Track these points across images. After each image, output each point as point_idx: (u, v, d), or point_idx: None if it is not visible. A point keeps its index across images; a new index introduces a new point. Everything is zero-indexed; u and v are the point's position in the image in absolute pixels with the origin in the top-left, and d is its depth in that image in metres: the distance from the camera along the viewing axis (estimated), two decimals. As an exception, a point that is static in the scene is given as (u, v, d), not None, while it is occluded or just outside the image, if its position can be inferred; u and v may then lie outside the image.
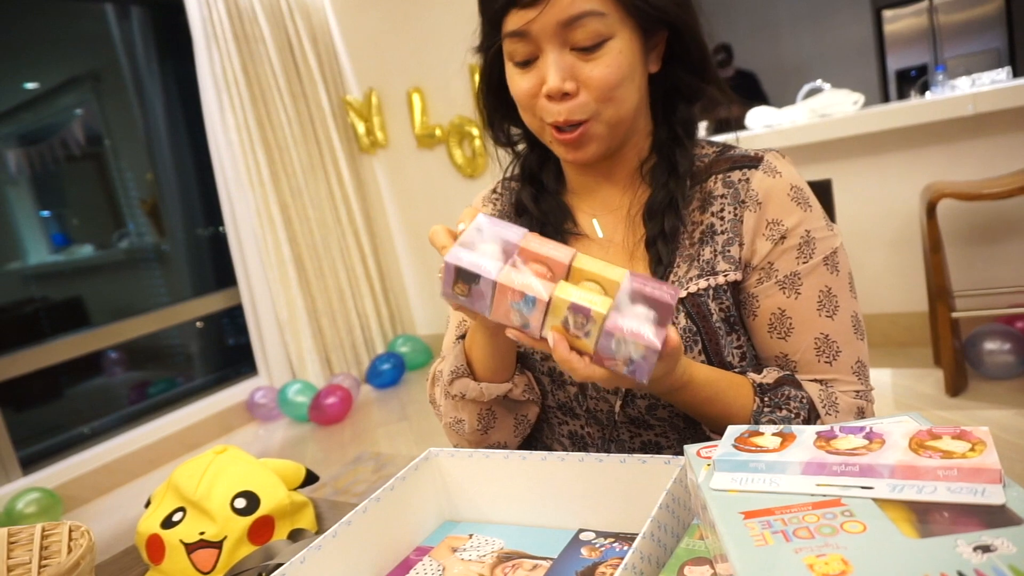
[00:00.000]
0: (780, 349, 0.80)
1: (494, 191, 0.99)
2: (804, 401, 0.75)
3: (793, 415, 0.74)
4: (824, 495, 0.46)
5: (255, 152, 3.56)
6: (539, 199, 0.90)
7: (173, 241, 3.98)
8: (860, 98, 2.87)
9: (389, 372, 3.79)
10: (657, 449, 0.85)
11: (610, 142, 0.80)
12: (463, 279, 0.60)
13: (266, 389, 3.63)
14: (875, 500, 0.44)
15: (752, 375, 0.78)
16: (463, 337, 0.89)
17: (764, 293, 0.79)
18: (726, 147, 0.86)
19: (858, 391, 0.79)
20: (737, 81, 5.70)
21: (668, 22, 0.77)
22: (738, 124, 3.15)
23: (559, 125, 0.77)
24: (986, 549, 0.37)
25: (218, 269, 3.90)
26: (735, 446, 0.53)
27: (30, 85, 3.61)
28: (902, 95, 5.71)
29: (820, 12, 6.36)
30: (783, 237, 0.78)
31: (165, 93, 3.87)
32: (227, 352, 4.15)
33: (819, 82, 3.15)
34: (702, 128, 3.27)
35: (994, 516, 0.40)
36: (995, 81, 2.72)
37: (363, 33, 3.97)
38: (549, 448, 0.93)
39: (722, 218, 0.80)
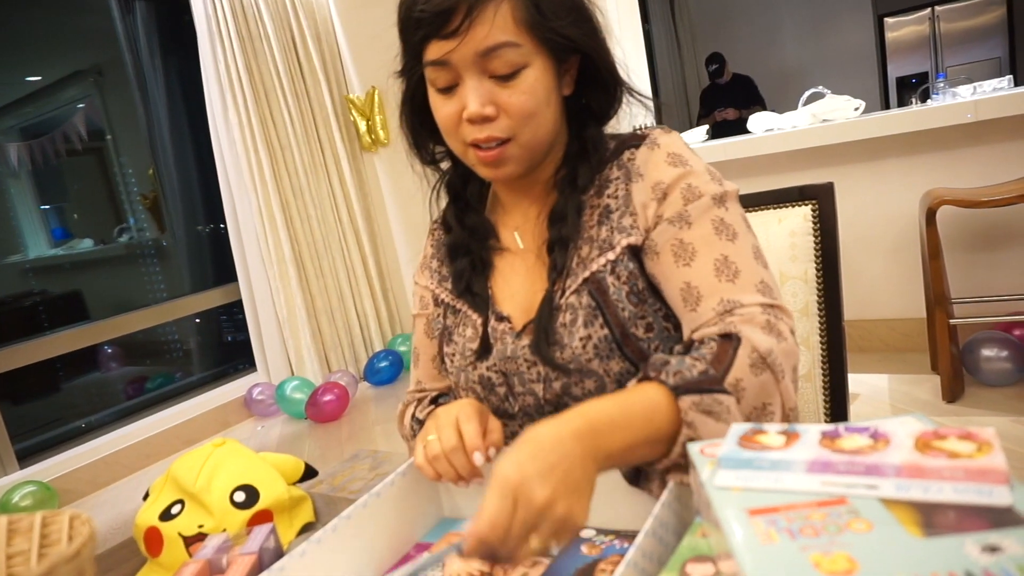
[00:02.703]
0: (684, 278, 0.78)
1: (435, 222, 1.04)
2: (708, 351, 0.70)
3: (714, 398, 0.67)
4: (829, 494, 0.46)
5: (257, 149, 3.56)
6: (464, 216, 0.95)
7: (173, 237, 3.98)
8: (861, 104, 2.87)
9: (387, 370, 3.78)
10: None
11: (527, 162, 0.84)
12: None
13: (264, 385, 3.63)
14: (881, 499, 0.44)
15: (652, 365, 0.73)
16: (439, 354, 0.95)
17: (660, 236, 0.81)
18: (621, 136, 0.90)
19: (764, 305, 0.75)
20: (734, 85, 5.73)
21: (578, 50, 0.83)
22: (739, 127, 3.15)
23: (479, 143, 0.81)
24: (994, 550, 0.37)
25: (217, 266, 3.90)
26: (740, 444, 0.52)
27: (32, 78, 3.61)
28: (902, 102, 5.73)
29: (822, 19, 6.38)
30: (665, 194, 0.82)
31: (168, 89, 3.87)
32: (225, 348, 4.14)
33: (820, 88, 3.16)
34: (702, 131, 3.27)
35: (1001, 517, 0.40)
36: (997, 89, 2.73)
37: (366, 31, 3.97)
38: None
39: (616, 197, 0.85)
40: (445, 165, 0.97)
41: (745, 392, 0.68)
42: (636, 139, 0.87)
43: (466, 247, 0.93)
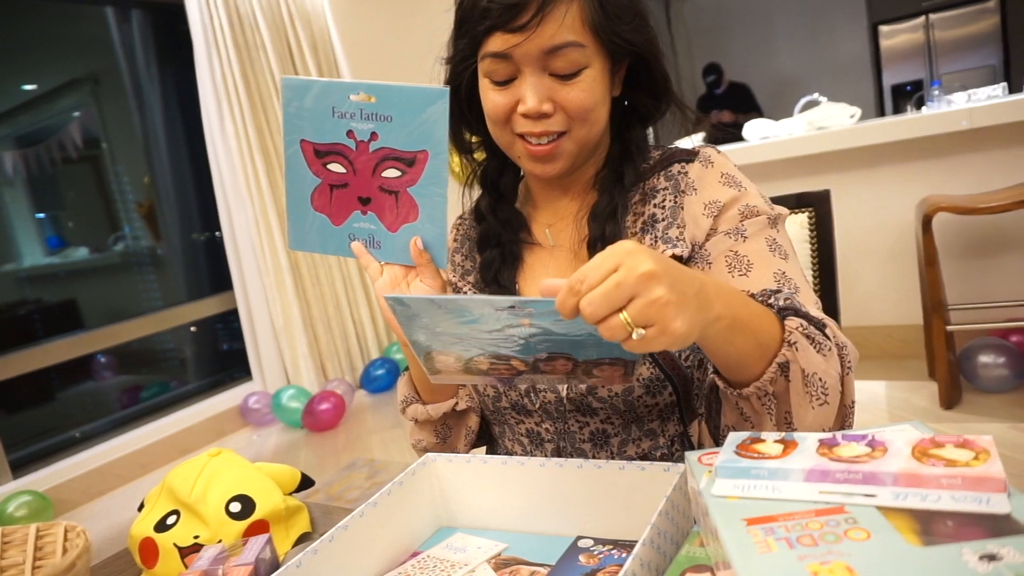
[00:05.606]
0: (743, 287, 0.79)
1: (461, 217, 1.04)
2: (818, 323, 0.70)
3: (820, 334, 0.68)
4: (827, 502, 0.46)
5: (253, 159, 3.56)
6: (497, 208, 0.95)
7: (169, 245, 3.97)
8: (857, 111, 2.88)
9: (383, 377, 3.78)
10: (604, 437, 0.87)
11: (576, 159, 0.85)
12: None
13: (260, 394, 3.62)
14: (879, 508, 0.44)
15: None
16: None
17: (714, 247, 0.82)
18: (667, 148, 0.91)
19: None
20: (731, 93, 5.75)
21: (638, 54, 0.83)
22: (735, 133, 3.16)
23: (533, 136, 0.81)
24: (992, 558, 0.37)
25: (213, 274, 3.89)
26: (737, 453, 0.52)
27: (28, 87, 3.61)
28: (897, 110, 5.75)
29: (817, 27, 6.40)
30: (721, 211, 0.83)
31: (164, 98, 3.87)
32: (221, 357, 4.13)
33: (816, 95, 3.17)
34: (699, 139, 3.28)
35: (999, 525, 0.40)
36: (991, 96, 2.74)
37: (363, 41, 3.98)
38: (509, 450, 0.95)
39: (663, 207, 0.85)
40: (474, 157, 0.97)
41: (831, 359, 0.68)
42: (686, 154, 0.87)
43: (497, 238, 0.93)
